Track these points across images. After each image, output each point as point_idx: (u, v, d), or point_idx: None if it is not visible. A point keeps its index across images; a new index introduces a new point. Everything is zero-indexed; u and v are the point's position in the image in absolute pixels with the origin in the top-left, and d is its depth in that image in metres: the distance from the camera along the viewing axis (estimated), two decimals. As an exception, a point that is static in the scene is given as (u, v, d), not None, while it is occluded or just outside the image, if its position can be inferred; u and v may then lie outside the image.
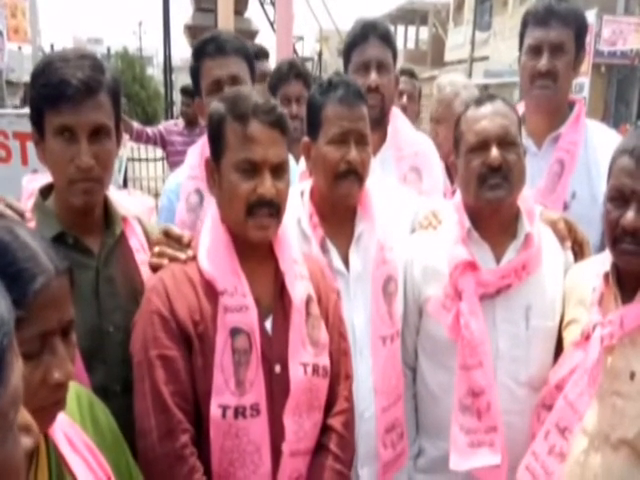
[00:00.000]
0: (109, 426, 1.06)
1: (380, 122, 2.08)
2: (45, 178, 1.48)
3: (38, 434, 0.64)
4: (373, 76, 2.04)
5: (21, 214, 1.34)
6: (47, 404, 0.81)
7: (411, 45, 35.82)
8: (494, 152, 1.53)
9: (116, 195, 1.56)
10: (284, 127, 1.35)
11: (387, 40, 2.10)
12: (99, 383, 1.25)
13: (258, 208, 1.31)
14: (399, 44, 35.81)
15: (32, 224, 1.34)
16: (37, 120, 1.35)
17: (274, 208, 1.33)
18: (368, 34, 2.06)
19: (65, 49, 1.45)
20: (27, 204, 1.43)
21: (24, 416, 0.61)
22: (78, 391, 1.02)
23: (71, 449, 0.89)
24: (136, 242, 1.48)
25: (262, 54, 3.69)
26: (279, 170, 1.34)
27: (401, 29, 36.21)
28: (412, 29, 35.65)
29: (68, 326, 0.86)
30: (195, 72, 2.05)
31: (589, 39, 16.61)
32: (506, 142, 1.54)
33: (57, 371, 0.81)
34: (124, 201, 1.60)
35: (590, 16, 16.56)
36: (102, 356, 1.34)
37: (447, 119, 2.66)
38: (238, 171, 1.31)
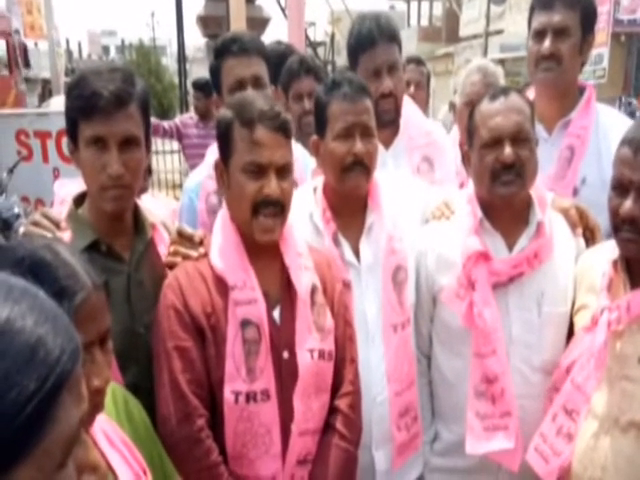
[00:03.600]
0: (143, 421, 1.14)
1: (394, 120, 2.11)
2: (74, 183, 1.56)
3: (105, 474, 0.66)
4: (387, 82, 2.05)
5: (57, 224, 1.42)
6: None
7: (425, 22, 35.18)
8: (507, 150, 1.55)
9: (142, 200, 1.64)
10: (288, 131, 1.44)
11: (393, 38, 2.10)
12: (131, 381, 1.33)
13: (264, 207, 1.40)
14: (413, 21, 35.25)
15: (67, 233, 1.41)
16: (72, 130, 1.43)
17: (279, 207, 1.41)
18: (375, 37, 2.05)
19: (98, 64, 1.51)
20: (59, 210, 1.52)
21: (91, 456, 0.64)
22: (114, 389, 1.09)
23: (109, 445, 0.96)
24: (164, 248, 1.56)
25: None
26: (284, 171, 1.42)
27: (414, 5, 35.57)
28: (425, 5, 34.98)
29: (105, 335, 0.93)
30: (216, 70, 2.08)
31: (608, 8, 16.12)
32: (519, 138, 1.57)
33: (96, 378, 0.87)
34: (149, 205, 1.67)
35: (609, -16, 16.04)
36: (134, 356, 1.42)
37: None
38: (245, 173, 1.40)
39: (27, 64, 12.31)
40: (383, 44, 2.07)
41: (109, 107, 1.36)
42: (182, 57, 10.21)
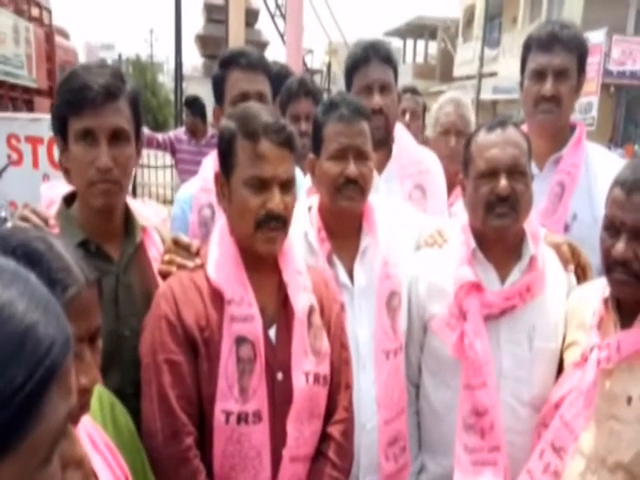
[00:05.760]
0: (127, 427, 1.10)
1: (385, 141, 2.12)
2: (63, 185, 1.54)
3: (89, 470, 0.62)
4: (376, 98, 2.06)
5: (45, 220, 1.39)
6: None
7: (420, 59, 35.94)
8: (503, 182, 1.56)
9: (133, 204, 1.62)
10: (292, 145, 1.41)
11: (388, 60, 2.12)
12: (114, 386, 1.27)
13: (267, 222, 1.37)
14: (408, 58, 35.98)
15: (55, 231, 1.38)
16: (61, 128, 1.41)
17: (281, 222, 1.39)
18: (369, 56, 2.09)
19: (88, 63, 1.52)
20: (48, 211, 1.48)
21: (77, 450, 0.60)
22: (100, 392, 1.06)
23: (92, 448, 0.93)
24: (155, 252, 1.54)
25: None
26: (287, 185, 1.40)
27: (410, 43, 36.36)
28: (421, 43, 35.77)
29: (95, 333, 0.90)
30: (220, 80, 2.09)
31: (598, 59, 16.61)
32: (515, 172, 1.58)
33: (84, 377, 0.84)
34: (140, 210, 1.65)
35: (600, 36, 16.56)
36: (118, 359, 1.39)
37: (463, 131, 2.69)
38: (248, 187, 1.37)
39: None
40: (376, 63, 2.09)
41: (98, 99, 1.35)
42: (179, 74, 10.27)
